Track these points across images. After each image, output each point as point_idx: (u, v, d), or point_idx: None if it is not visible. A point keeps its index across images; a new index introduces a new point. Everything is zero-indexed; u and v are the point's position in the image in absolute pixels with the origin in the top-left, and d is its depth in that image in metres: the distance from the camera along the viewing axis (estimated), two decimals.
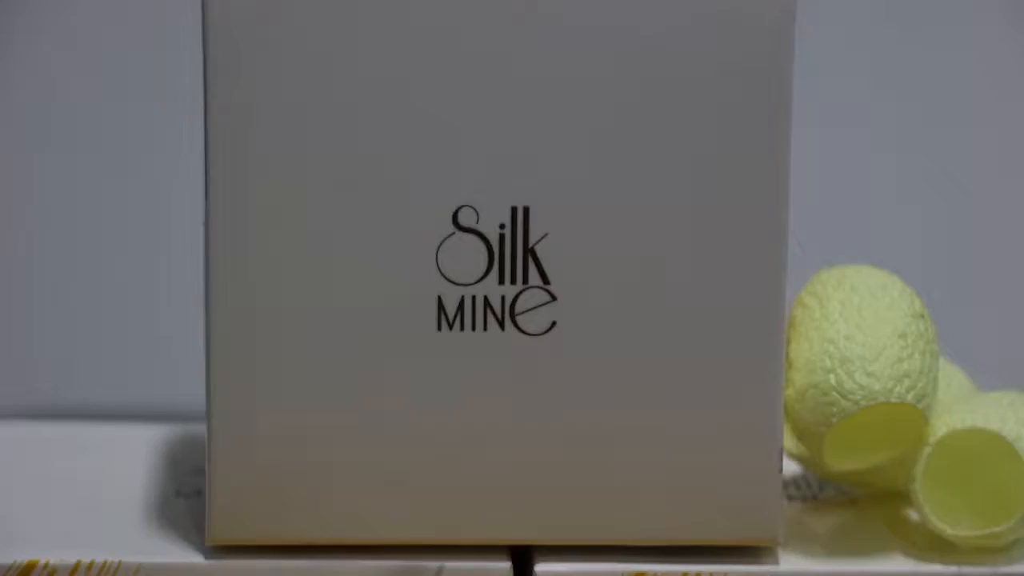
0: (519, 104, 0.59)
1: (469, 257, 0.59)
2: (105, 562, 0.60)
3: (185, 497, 0.64)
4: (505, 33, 0.58)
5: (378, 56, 0.58)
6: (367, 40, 0.58)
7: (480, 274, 0.60)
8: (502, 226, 0.59)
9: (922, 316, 0.62)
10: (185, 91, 0.63)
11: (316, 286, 0.59)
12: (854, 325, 0.61)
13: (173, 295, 0.64)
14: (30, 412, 0.70)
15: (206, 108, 0.59)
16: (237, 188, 0.59)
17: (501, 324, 0.60)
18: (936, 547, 0.62)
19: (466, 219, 0.59)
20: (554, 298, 0.60)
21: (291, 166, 0.59)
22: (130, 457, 0.67)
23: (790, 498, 0.65)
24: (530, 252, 0.59)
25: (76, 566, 0.60)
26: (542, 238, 0.59)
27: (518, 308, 0.60)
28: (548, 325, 0.60)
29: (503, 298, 0.60)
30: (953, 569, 0.61)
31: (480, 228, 0.59)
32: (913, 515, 0.63)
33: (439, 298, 0.60)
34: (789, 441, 0.62)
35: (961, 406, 0.63)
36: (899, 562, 0.62)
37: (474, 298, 0.60)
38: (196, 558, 0.61)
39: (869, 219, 1.09)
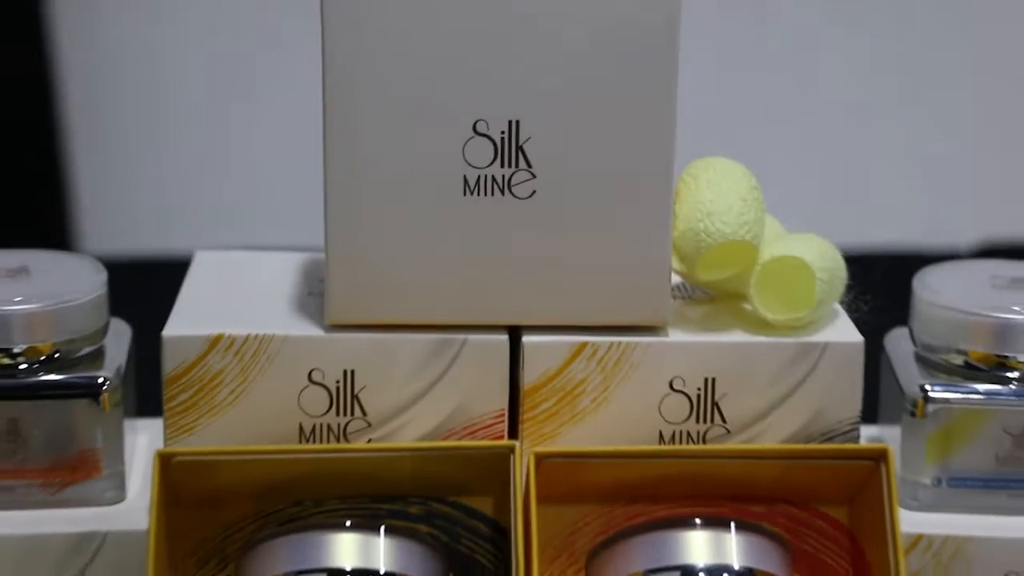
0: (512, 60, 0.59)
1: (482, 151, 0.59)
2: (264, 335, 0.60)
3: (314, 296, 0.64)
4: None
5: (436, 31, 0.58)
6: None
7: (489, 161, 0.59)
8: (503, 132, 0.59)
9: (756, 188, 0.62)
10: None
11: (394, 168, 0.59)
12: (715, 192, 0.61)
13: (306, 169, 0.64)
14: (222, 247, 0.70)
15: (324, 41, 0.59)
16: (351, 100, 0.59)
17: (502, 192, 0.60)
18: (763, 327, 0.62)
19: (481, 127, 0.59)
20: (534, 176, 0.60)
21: (388, 94, 0.59)
22: (279, 273, 0.67)
23: (674, 297, 0.64)
24: (520, 148, 0.59)
25: (247, 337, 0.60)
26: (527, 139, 0.59)
27: (512, 182, 0.60)
28: (530, 192, 0.60)
29: (503, 176, 0.59)
30: (773, 339, 0.61)
31: (489, 133, 0.59)
32: (749, 307, 0.63)
33: (464, 176, 0.59)
34: (675, 262, 0.62)
35: (778, 242, 0.63)
36: (741, 336, 0.62)
37: (486, 176, 0.59)
38: (319, 332, 0.61)
39: (730, 128, 1.08)
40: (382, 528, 0.59)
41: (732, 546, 0.59)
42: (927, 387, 0.63)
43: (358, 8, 0.58)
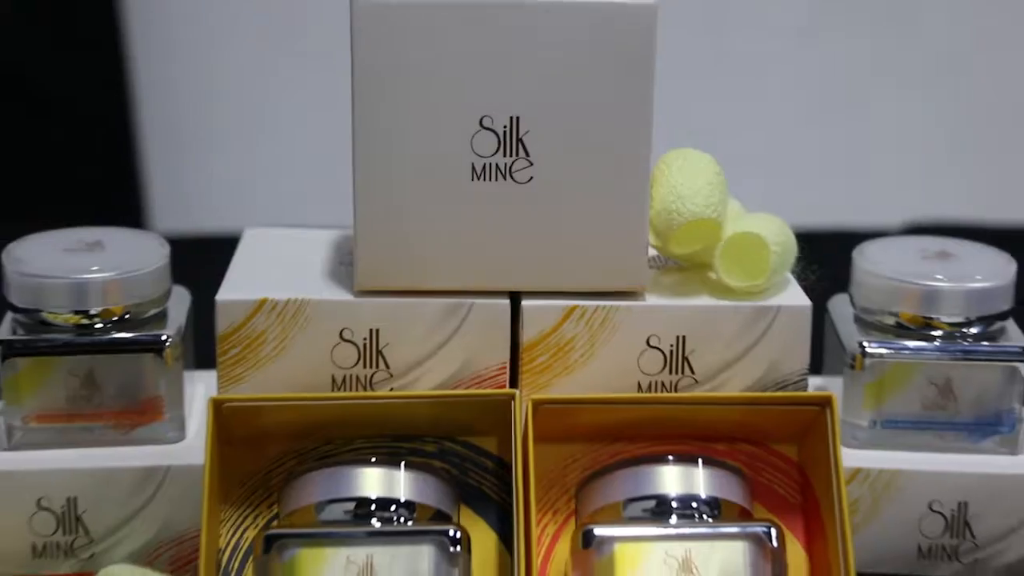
0: (514, 67, 0.58)
1: (488, 143, 0.58)
2: (301, 299, 0.60)
3: (345, 266, 0.63)
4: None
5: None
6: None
7: (493, 151, 0.58)
8: (505, 126, 0.58)
9: (720, 174, 0.61)
10: None
11: (413, 157, 0.58)
12: (685, 178, 0.60)
13: (339, 160, 0.63)
14: (267, 225, 0.69)
15: (353, 62, 0.58)
16: (376, 102, 0.58)
17: (504, 178, 0.59)
18: (726, 292, 0.61)
19: (487, 122, 0.58)
20: (532, 164, 0.59)
21: (407, 96, 0.58)
22: (316, 247, 0.66)
23: (651, 267, 0.63)
24: (519, 140, 0.58)
25: (287, 301, 0.59)
26: (526, 133, 0.58)
27: (513, 169, 0.59)
28: (528, 178, 0.59)
29: (505, 164, 0.58)
30: (735, 303, 0.60)
31: (494, 127, 0.58)
32: (714, 276, 0.62)
33: (472, 164, 0.58)
34: (651, 237, 0.61)
35: (739, 220, 0.62)
36: (707, 300, 0.61)
37: (490, 164, 0.58)
38: (349, 297, 0.60)
39: (699, 123, 1.07)
40: (402, 463, 0.58)
41: (699, 478, 0.58)
42: (864, 344, 0.63)
43: (382, 24, 0.57)
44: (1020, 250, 0.66)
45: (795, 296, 0.61)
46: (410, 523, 0.57)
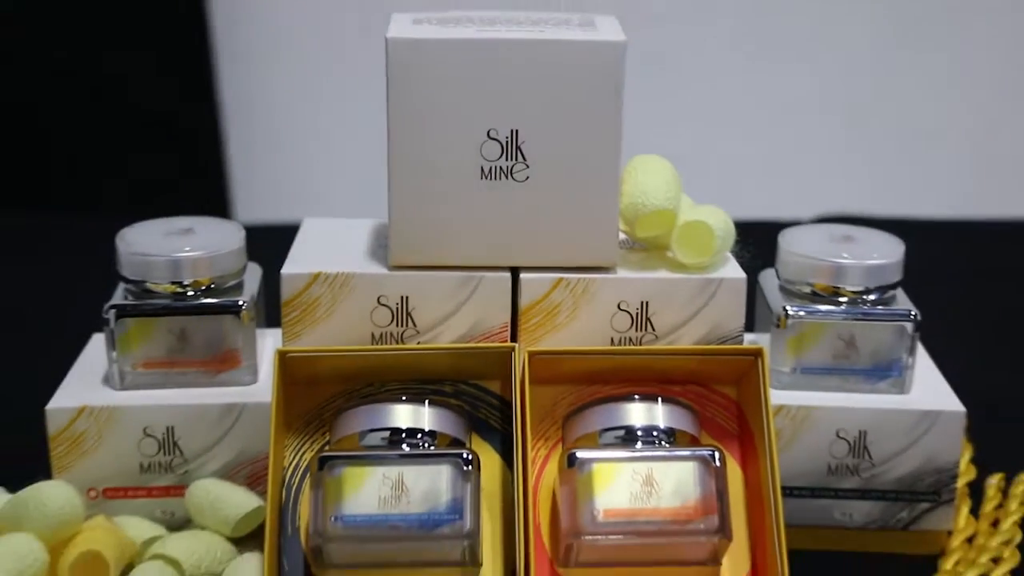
0: (513, 92, 0.56)
1: (494, 150, 0.57)
2: (347, 272, 0.58)
3: (382, 247, 0.61)
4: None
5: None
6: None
7: (498, 156, 0.57)
8: (507, 137, 0.57)
9: (676, 174, 0.60)
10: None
11: (434, 162, 0.57)
12: (648, 177, 0.59)
13: (379, 166, 0.61)
14: (323, 215, 0.67)
15: (389, 110, 0.56)
16: (407, 119, 0.57)
17: (507, 177, 0.57)
18: (680, 268, 0.60)
19: (493, 134, 0.57)
20: (528, 167, 0.57)
21: (430, 114, 0.56)
22: (359, 232, 0.64)
23: (621, 247, 0.62)
24: (519, 148, 0.57)
25: (336, 274, 0.58)
26: (523, 142, 0.57)
27: (514, 171, 0.57)
28: (525, 178, 0.57)
29: (507, 167, 0.57)
30: (686, 276, 0.59)
31: (498, 137, 0.57)
32: (670, 254, 0.61)
33: (481, 167, 0.57)
34: (621, 224, 0.60)
35: (690, 211, 0.60)
36: (665, 273, 0.59)
37: (495, 167, 0.57)
38: (384, 271, 0.59)
39: (659, 134, 1.06)
40: (426, 401, 0.57)
41: (659, 413, 0.57)
42: (787, 308, 0.62)
43: (410, 56, 0.56)
44: (905, 234, 0.65)
45: (734, 270, 0.60)
46: (432, 448, 0.56)
